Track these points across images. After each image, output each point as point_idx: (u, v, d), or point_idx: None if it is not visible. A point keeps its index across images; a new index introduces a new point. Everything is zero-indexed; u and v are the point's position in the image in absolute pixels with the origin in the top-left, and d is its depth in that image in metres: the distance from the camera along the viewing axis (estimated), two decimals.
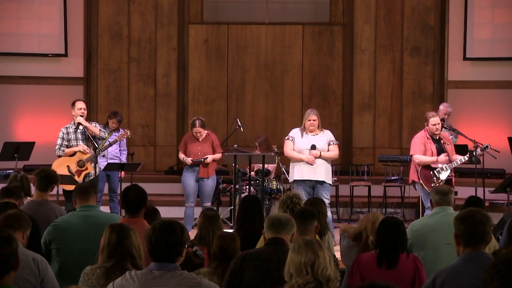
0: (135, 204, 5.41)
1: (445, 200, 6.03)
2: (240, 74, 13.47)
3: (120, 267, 4.50)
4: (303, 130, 9.43)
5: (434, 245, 5.79)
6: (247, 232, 5.94)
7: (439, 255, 5.54)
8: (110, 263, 4.54)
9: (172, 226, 4.05)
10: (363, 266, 5.20)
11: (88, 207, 5.78)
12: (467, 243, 4.12)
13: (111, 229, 4.61)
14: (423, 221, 6.22)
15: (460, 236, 4.16)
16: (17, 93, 13.07)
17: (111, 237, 4.56)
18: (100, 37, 13.37)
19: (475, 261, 4.07)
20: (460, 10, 12.89)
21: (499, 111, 12.87)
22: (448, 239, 5.10)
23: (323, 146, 9.34)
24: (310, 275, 4.01)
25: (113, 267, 4.51)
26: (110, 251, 4.55)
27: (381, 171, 12.40)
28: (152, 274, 3.97)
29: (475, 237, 4.11)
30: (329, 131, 9.58)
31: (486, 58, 12.86)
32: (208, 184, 10.16)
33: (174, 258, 3.98)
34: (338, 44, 13.41)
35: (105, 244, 4.58)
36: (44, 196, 6.44)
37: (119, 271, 4.46)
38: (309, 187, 9.29)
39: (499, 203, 11.13)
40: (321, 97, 13.43)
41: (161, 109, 13.39)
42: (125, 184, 11.17)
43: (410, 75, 13.27)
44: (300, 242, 4.14)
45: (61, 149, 9.57)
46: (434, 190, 6.20)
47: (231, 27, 13.49)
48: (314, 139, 9.35)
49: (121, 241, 4.55)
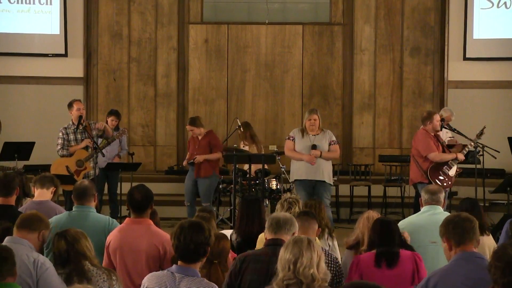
0: (140, 204, 5.38)
1: (433, 199, 6.05)
2: (240, 74, 13.47)
3: (78, 270, 4.52)
4: (303, 130, 9.39)
5: (420, 243, 5.79)
6: (246, 231, 5.94)
7: (425, 253, 5.56)
8: (67, 268, 4.55)
9: (201, 225, 4.11)
10: (362, 266, 5.19)
11: (82, 208, 5.80)
12: (458, 242, 4.13)
13: (57, 237, 4.63)
14: (410, 219, 6.25)
15: (450, 238, 4.16)
16: (17, 93, 13.07)
17: (60, 244, 4.58)
18: (100, 37, 13.37)
19: (467, 262, 4.08)
20: (460, 10, 12.89)
21: (499, 111, 12.87)
22: (434, 238, 5.18)
23: (324, 146, 9.32)
24: (291, 272, 3.99)
25: (71, 272, 4.53)
26: (64, 257, 4.56)
27: (381, 171, 12.41)
28: (172, 276, 4.02)
29: (465, 235, 4.12)
30: (329, 131, 9.56)
31: (486, 58, 12.87)
32: (202, 183, 10.19)
33: (200, 257, 4.07)
34: (338, 44, 13.41)
35: (56, 253, 4.59)
36: (45, 196, 6.43)
37: (78, 275, 4.48)
38: (309, 187, 9.27)
39: (499, 203, 11.13)
40: (321, 97, 13.42)
41: (161, 109, 13.39)
42: (125, 184, 11.23)
43: (410, 75, 13.27)
44: (291, 239, 4.14)
45: (64, 148, 9.56)
46: (423, 190, 6.21)
47: (231, 27, 13.49)
48: (314, 139, 9.32)
49: (71, 246, 4.56)
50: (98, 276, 4.56)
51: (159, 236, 5.34)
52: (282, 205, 6.34)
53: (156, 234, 5.36)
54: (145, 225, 5.36)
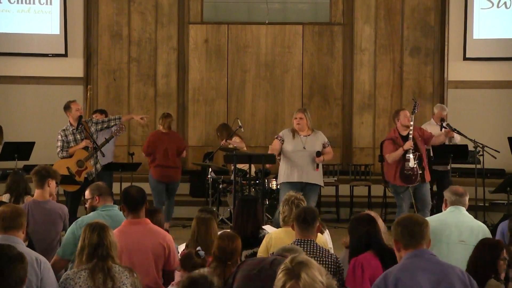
0: (137, 202, 5.42)
1: (459, 201, 6.18)
2: (240, 74, 13.47)
3: (103, 267, 4.52)
4: (294, 131, 9.21)
5: (449, 241, 5.94)
6: (242, 231, 5.92)
7: (454, 251, 5.67)
8: (92, 264, 4.54)
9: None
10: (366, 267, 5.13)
11: (108, 207, 5.90)
12: (406, 245, 4.14)
13: (91, 229, 4.61)
14: (438, 217, 6.32)
15: (398, 240, 4.17)
16: (17, 93, 13.07)
17: (92, 237, 4.57)
18: (100, 37, 13.37)
19: (421, 257, 4.09)
20: (460, 10, 12.89)
21: (499, 111, 12.87)
22: (463, 237, 5.57)
23: (318, 147, 9.16)
24: None
25: (95, 267, 4.52)
26: (90, 251, 4.55)
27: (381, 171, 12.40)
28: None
29: (413, 239, 4.13)
30: (320, 132, 9.42)
31: (486, 58, 12.86)
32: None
33: None
34: (338, 44, 13.41)
35: (85, 245, 4.58)
36: (45, 194, 6.41)
37: (102, 271, 4.48)
38: (298, 189, 8.91)
39: (499, 203, 11.13)
40: (321, 97, 13.42)
41: (161, 109, 13.37)
42: (125, 184, 11.23)
43: (410, 75, 13.27)
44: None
45: (63, 150, 9.56)
46: (449, 191, 6.28)
47: (231, 27, 13.49)
48: (306, 140, 9.13)
49: (101, 242, 4.57)
50: (121, 273, 4.58)
51: (161, 234, 5.38)
52: (290, 207, 6.24)
53: (158, 232, 5.40)
54: (144, 224, 5.38)
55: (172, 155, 10.69)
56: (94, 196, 5.95)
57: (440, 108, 10.95)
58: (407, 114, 9.41)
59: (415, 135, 9.32)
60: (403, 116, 9.39)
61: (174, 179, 10.71)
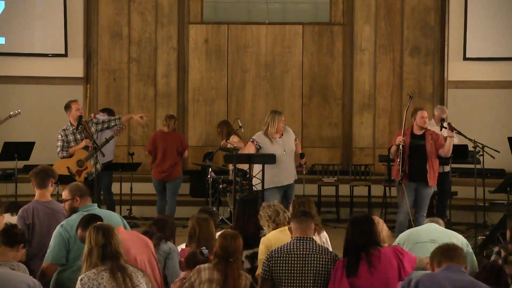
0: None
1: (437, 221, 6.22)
2: (240, 74, 13.47)
3: (119, 266, 4.50)
4: (267, 135, 9.13)
5: (418, 240, 5.89)
6: (243, 231, 5.92)
7: (422, 247, 5.68)
8: (108, 264, 4.51)
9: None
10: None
11: (88, 207, 5.81)
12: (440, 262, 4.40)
13: (96, 230, 4.60)
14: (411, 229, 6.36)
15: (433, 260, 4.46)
16: (17, 93, 13.06)
17: (98, 238, 4.55)
18: (100, 37, 13.37)
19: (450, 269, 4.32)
20: (460, 10, 12.88)
21: (499, 111, 12.87)
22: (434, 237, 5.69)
23: (292, 145, 9.24)
24: None
25: (113, 267, 4.50)
26: (100, 252, 4.53)
27: (381, 171, 12.40)
28: None
29: (447, 255, 4.36)
30: (287, 126, 9.38)
31: (486, 58, 12.86)
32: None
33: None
34: (338, 44, 13.41)
35: (92, 246, 4.55)
36: (46, 194, 6.35)
37: (120, 270, 4.46)
38: (282, 191, 9.07)
39: (499, 203, 11.12)
40: (321, 97, 13.42)
41: (161, 109, 13.38)
42: (125, 184, 11.24)
43: (410, 75, 13.27)
44: None
45: (63, 150, 9.57)
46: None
47: (231, 27, 13.49)
48: (283, 141, 9.12)
49: (108, 241, 4.55)
50: (136, 272, 4.58)
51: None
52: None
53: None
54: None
55: (171, 155, 10.71)
56: (75, 197, 5.82)
57: (441, 110, 10.94)
58: (424, 114, 9.26)
59: (427, 135, 9.21)
60: (420, 116, 9.25)
61: (171, 177, 10.73)
